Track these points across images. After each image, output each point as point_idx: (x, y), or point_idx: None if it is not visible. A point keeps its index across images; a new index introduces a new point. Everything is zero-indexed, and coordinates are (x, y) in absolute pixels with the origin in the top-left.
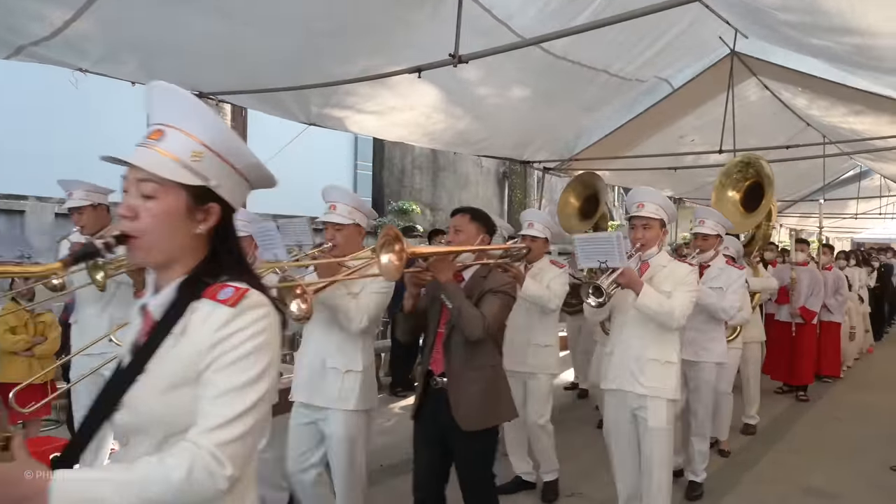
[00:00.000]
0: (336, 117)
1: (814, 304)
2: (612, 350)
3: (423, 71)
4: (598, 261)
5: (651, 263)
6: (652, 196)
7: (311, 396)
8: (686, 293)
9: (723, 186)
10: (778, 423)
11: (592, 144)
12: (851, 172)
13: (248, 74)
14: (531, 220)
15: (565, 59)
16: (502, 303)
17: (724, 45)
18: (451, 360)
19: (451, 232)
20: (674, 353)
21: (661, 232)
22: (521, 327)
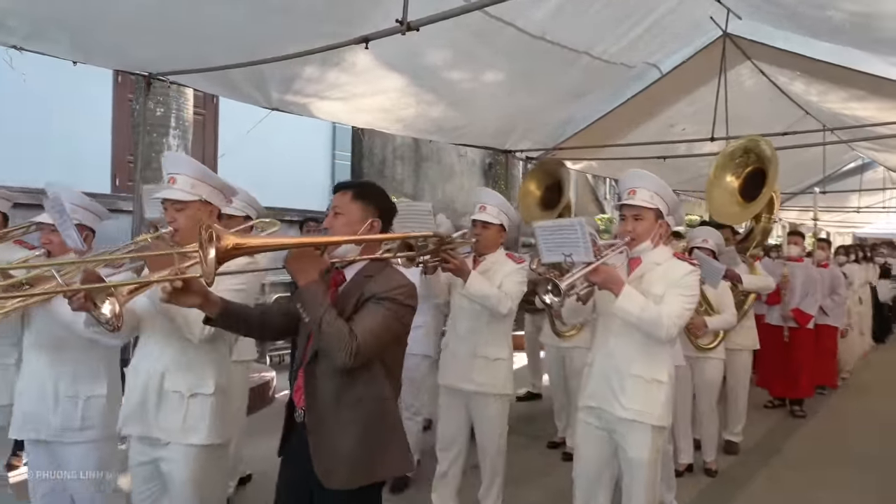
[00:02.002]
0: (299, 103)
1: (809, 306)
2: (594, 360)
3: (370, 41)
4: (562, 254)
5: (643, 260)
6: (646, 181)
7: (146, 427)
8: (679, 297)
9: (721, 169)
10: (771, 437)
11: (577, 133)
12: (853, 164)
13: (195, 53)
14: (484, 201)
15: (543, 38)
16: (389, 315)
17: (716, 27)
18: (316, 391)
19: (330, 215)
20: (663, 369)
21: (657, 224)
22: (464, 335)
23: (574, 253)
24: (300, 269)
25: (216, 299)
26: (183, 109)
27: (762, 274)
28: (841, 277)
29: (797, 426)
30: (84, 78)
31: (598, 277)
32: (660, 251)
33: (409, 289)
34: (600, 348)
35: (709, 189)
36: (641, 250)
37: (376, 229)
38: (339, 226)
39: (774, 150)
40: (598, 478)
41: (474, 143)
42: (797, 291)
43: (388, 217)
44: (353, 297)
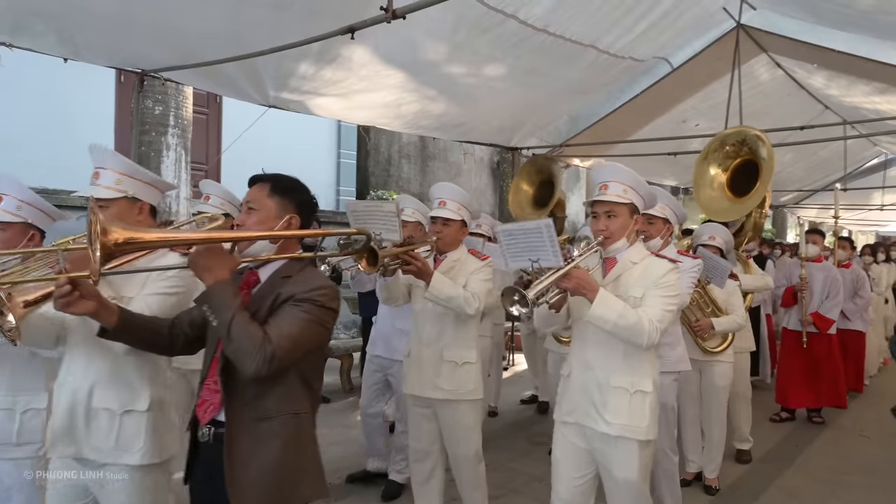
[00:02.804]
0: (296, 100)
1: (830, 310)
2: (570, 371)
3: (356, 31)
4: (528, 259)
5: (619, 260)
6: (618, 174)
7: (77, 448)
8: (661, 298)
9: (705, 161)
10: (785, 447)
11: (586, 129)
12: (876, 161)
13: (185, 49)
14: (443, 196)
15: (546, 31)
16: (308, 318)
17: (729, 18)
18: (230, 403)
19: (243, 211)
20: (647, 379)
21: (633, 220)
22: (429, 340)
23: (541, 258)
24: (207, 267)
25: (113, 307)
26: (182, 108)
27: (757, 272)
28: (864, 278)
29: (812, 435)
30: (86, 77)
31: (570, 283)
32: (636, 249)
33: (331, 290)
34: (577, 358)
35: (694, 183)
36: (616, 249)
37: (294, 226)
38: (253, 223)
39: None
40: (581, 498)
41: (480, 140)
42: (816, 294)
43: (308, 213)
44: (269, 300)
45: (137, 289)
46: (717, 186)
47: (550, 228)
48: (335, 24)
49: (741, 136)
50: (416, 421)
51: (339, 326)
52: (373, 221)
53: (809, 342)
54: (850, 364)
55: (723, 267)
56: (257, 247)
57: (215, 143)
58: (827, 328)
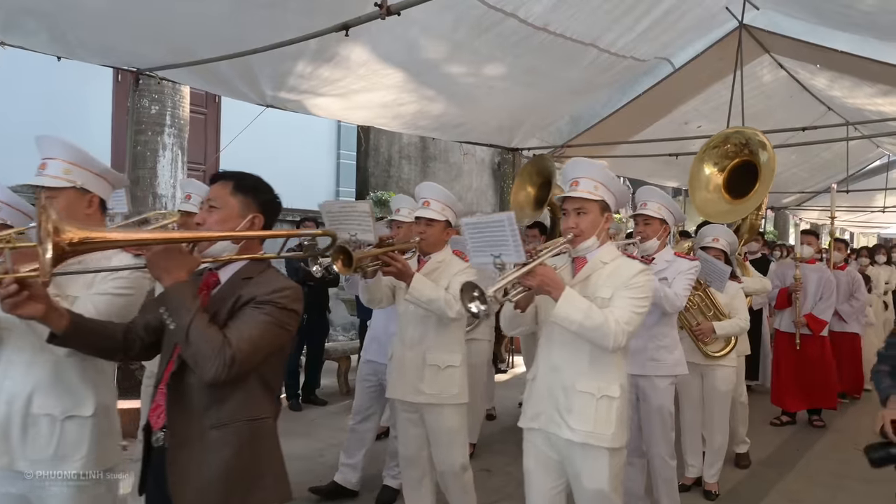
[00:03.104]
0: (294, 100)
1: (824, 312)
2: (536, 374)
3: (350, 27)
4: (490, 255)
5: (589, 259)
6: (589, 170)
7: (10, 459)
8: (630, 300)
9: (701, 161)
10: (785, 451)
11: (587, 130)
12: (878, 162)
13: (179, 47)
14: (427, 196)
15: (546, 30)
16: (270, 321)
17: (732, 18)
18: (179, 411)
19: (204, 209)
20: (615, 384)
21: (603, 218)
22: (411, 343)
23: (503, 253)
24: (165, 268)
25: (63, 310)
26: (179, 107)
27: (755, 275)
28: (860, 280)
29: (813, 440)
30: (83, 77)
31: (534, 280)
32: (607, 249)
33: (294, 292)
34: (544, 360)
35: (690, 183)
36: (586, 248)
37: (258, 226)
38: (214, 222)
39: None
40: None
41: (479, 140)
42: (810, 295)
43: (272, 213)
44: (229, 302)
45: (83, 288)
46: (713, 188)
47: (512, 222)
48: (330, 21)
49: (742, 136)
50: (403, 426)
51: (338, 328)
52: (347, 222)
53: (802, 344)
54: (846, 367)
55: (721, 270)
56: (218, 247)
57: (214, 143)
58: (820, 330)
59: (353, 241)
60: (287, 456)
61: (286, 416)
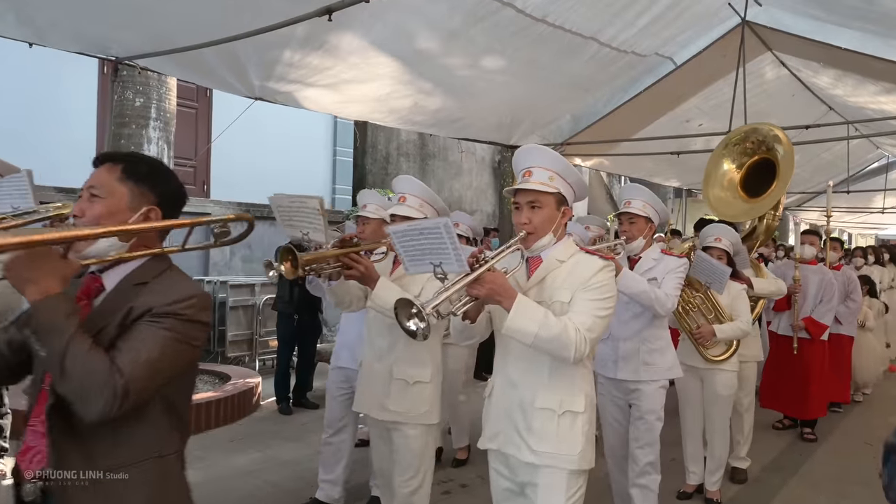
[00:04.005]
0: (283, 91)
1: (824, 315)
2: (492, 390)
3: (333, 11)
4: (430, 263)
5: (544, 259)
6: (543, 158)
7: None
8: (591, 303)
9: (720, 158)
10: (788, 455)
11: (587, 128)
12: (877, 164)
13: (160, 35)
14: (404, 191)
15: (545, 21)
16: (172, 337)
17: (735, 14)
18: (59, 455)
19: (83, 197)
20: (579, 397)
21: (560, 212)
22: (380, 353)
23: (444, 262)
24: (29, 279)
25: None
26: (165, 100)
27: (770, 276)
28: (856, 281)
29: (815, 444)
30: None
31: (482, 289)
32: (563, 246)
33: (201, 300)
34: (500, 375)
35: (705, 181)
36: (541, 247)
37: (157, 218)
38: (96, 214)
39: (790, 144)
40: None
41: (478, 137)
42: (810, 298)
43: (173, 206)
44: (118, 315)
45: None
46: (729, 185)
47: (450, 228)
48: (314, 5)
49: (758, 134)
50: (374, 441)
51: (333, 329)
52: (299, 219)
53: (800, 348)
54: (838, 372)
55: (721, 271)
56: (102, 245)
57: (205, 138)
58: (820, 334)
59: (306, 240)
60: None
61: (276, 420)
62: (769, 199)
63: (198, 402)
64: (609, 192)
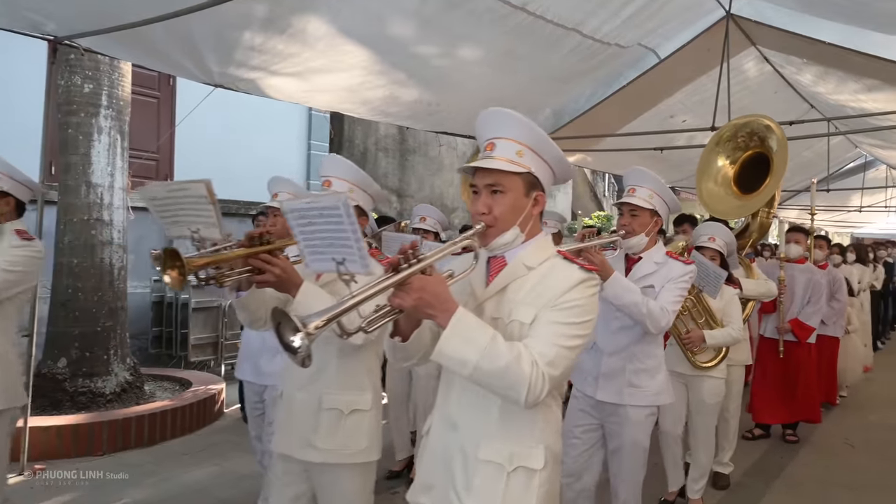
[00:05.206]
0: (246, 78)
1: (811, 317)
2: (429, 428)
3: None
4: (332, 259)
5: (509, 261)
6: (513, 127)
7: None
8: (557, 327)
9: (713, 153)
10: (769, 459)
11: (569, 122)
12: (854, 163)
13: (101, 8)
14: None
15: (524, 10)
16: None
17: (719, 6)
18: None
19: None
20: (537, 448)
21: (530, 201)
22: (304, 377)
23: (347, 258)
24: None
25: None
26: (117, 86)
27: (761, 277)
28: (842, 281)
29: (797, 446)
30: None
31: (407, 298)
32: (535, 246)
33: None
34: (439, 410)
35: (698, 176)
36: (505, 245)
37: None
38: None
39: (783, 135)
40: None
41: (456, 131)
42: (797, 299)
43: None
44: None
45: None
46: (723, 180)
47: (350, 211)
48: None
49: (748, 126)
50: (278, 484)
51: None
52: (184, 213)
53: (787, 352)
54: (824, 373)
55: (716, 274)
56: None
57: (167, 129)
58: (806, 337)
59: (197, 238)
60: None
61: (239, 430)
62: (763, 195)
63: (151, 412)
64: (593, 189)
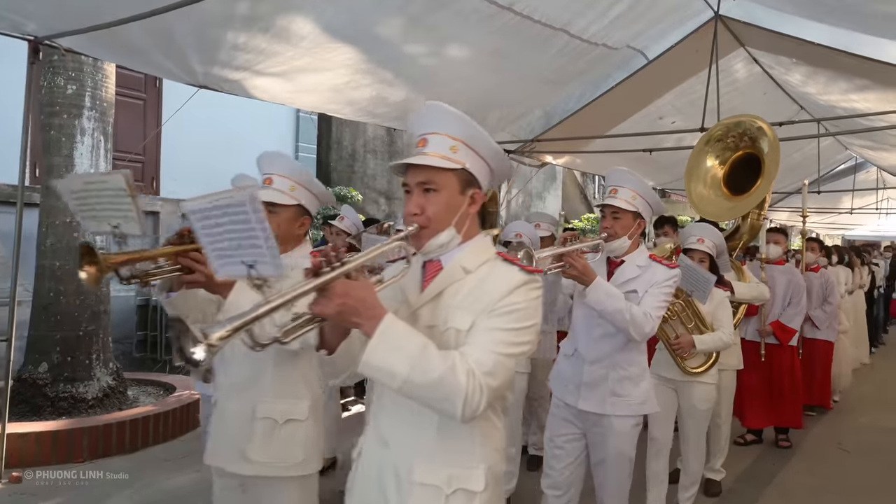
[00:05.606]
0: (230, 79)
1: (792, 319)
2: (362, 447)
3: None
4: (242, 262)
5: (445, 265)
6: (443, 122)
7: None
8: (496, 334)
9: (702, 153)
10: (761, 465)
11: (557, 124)
12: (844, 165)
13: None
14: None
15: (511, 10)
16: None
17: (708, 8)
18: None
19: None
20: (477, 470)
21: (467, 198)
22: (238, 384)
23: (258, 261)
24: None
25: None
26: (101, 88)
27: (753, 280)
28: (833, 283)
29: (789, 452)
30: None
31: (329, 305)
32: (473, 248)
33: None
34: (371, 427)
35: (687, 177)
36: (440, 247)
37: None
38: None
39: (775, 135)
40: None
41: None
42: (778, 300)
43: None
44: None
45: None
46: (712, 181)
47: (257, 206)
48: None
49: (740, 127)
50: (216, 496)
51: None
52: (102, 207)
53: (768, 355)
54: (817, 377)
55: (705, 279)
56: None
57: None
58: (788, 339)
59: (118, 234)
60: None
61: None
62: (754, 196)
63: (132, 418)
64: (583, 191)
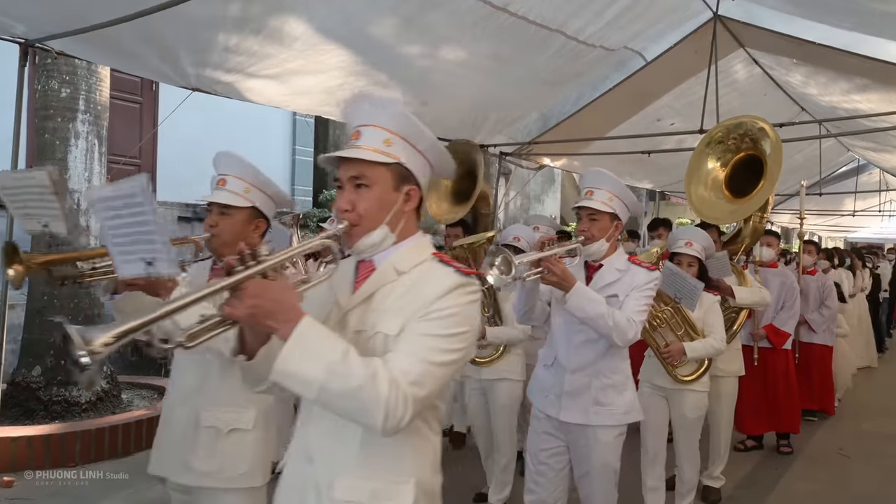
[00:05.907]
0: (223, 82)
1: (786, 322)
2: (287, 461)
3: None
4: (142, 259)
5: (377, 265)
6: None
7: None
8: (425, 340)
9: (703, 154)
10: (763, 471)
11: (555, 126)
12: (847, 167)
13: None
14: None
15: (506, 10)
16: None
17: (707, 8)
18: None
19: None
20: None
21: (402, 195)
22: (185, 391)
23: (156, 258)
24: None
25: None
26: (95, 91)
27: (755, 285)
28: (831, 286)
29: (790, 458)
30: None
31: (240, 307)
32: (408, 249)
33: None
34: (296, 440)
35: (688, 180)
36: (371, 246)
37: None
38: None
39: (777, 137)
40: None
41: (441, 135)
42: (771, 304)
43: None
44: None
45: None
46: (713, 184)
47: (149, 196)
48: None
49: (744, 127)
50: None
51: None
52: (34, 204)
53: (762, 359)
54: (816, 382)
55: (692, 286)
56: None
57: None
58: (781, 343)
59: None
60: None
61: None
62: (756, 199)
63: (125, 422)
64: None
